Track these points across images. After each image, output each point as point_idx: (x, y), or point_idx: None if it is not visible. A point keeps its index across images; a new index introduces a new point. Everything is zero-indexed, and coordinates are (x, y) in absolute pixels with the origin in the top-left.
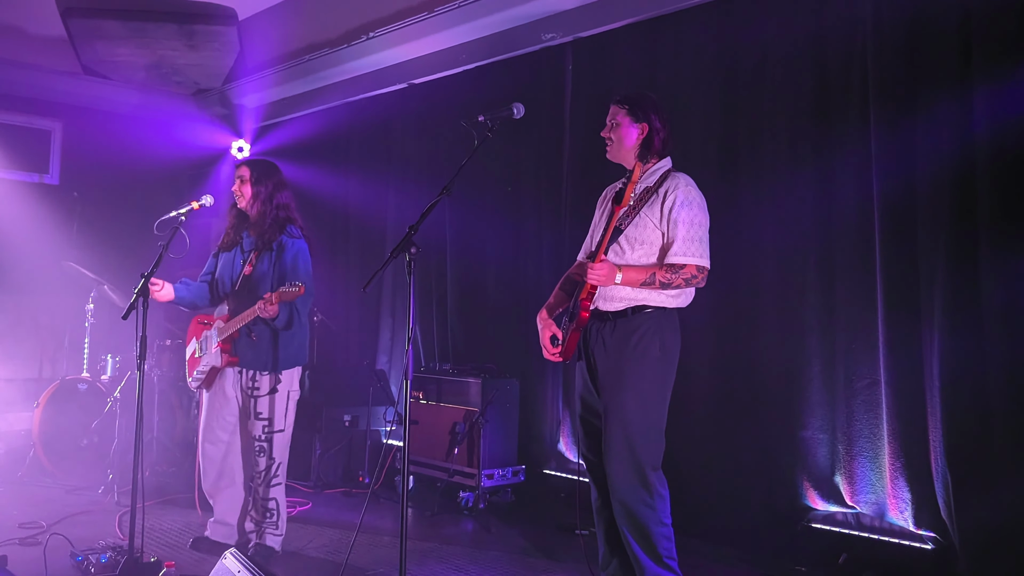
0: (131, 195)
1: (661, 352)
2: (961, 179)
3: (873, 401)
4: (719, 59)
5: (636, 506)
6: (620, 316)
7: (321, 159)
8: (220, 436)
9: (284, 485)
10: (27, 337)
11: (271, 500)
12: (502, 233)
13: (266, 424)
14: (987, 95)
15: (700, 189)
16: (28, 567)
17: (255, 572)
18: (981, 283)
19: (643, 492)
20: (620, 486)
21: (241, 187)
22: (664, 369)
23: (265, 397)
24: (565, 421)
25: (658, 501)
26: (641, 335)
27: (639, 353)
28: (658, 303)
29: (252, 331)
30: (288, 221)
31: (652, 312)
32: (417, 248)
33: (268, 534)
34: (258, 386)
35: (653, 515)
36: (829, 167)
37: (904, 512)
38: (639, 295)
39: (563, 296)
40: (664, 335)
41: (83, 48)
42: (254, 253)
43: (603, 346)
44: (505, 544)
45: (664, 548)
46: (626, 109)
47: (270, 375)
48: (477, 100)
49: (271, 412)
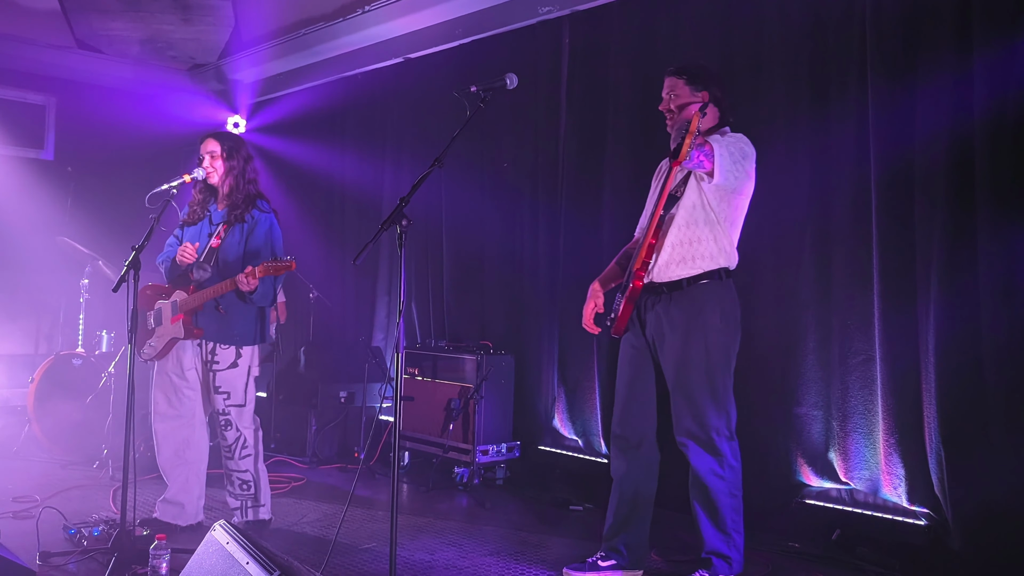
0: (126, 170)
1: (722, 321)
2: (959, 153)
3: (868, 377)
4: (716, 32)
5: (707, 476)
6: (676, 288)
7: (316, 134)
8: (170, 411)
9: (258, 457)
10: (22, 313)
11: (244, 472)
12: (498, 209)
13: (226, 397)
14: (986, 68)
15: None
16: (21, 540)
17: (245, 544)
18: (978, 259)
19: (713, 462)
20: (691, 457)
21: (212, 162)
22: (726, 338)
23: (225, 371)
24: (560, 398)
25: (728, 471)
26: (701, 306)
27: (699, 324)
28: (712, 268)
29: (220, 304)
30: (258, 196)
31: (708, 283)
32: (408, 220)
33: (251, 508)
34: (218, 359)
35: (723, 485)
36: (826, 142)
37: (898, 488)
38: (692, 259)
39: (618, 271)
40: (724, 304)
41: (77, 22)
42: (223, 226)
43: (660, 320)
44: (500, 519)
45: (732, 520)
46: (685, 79)
47: (230, 349)
48: (473, 74)
49: (230, 386)
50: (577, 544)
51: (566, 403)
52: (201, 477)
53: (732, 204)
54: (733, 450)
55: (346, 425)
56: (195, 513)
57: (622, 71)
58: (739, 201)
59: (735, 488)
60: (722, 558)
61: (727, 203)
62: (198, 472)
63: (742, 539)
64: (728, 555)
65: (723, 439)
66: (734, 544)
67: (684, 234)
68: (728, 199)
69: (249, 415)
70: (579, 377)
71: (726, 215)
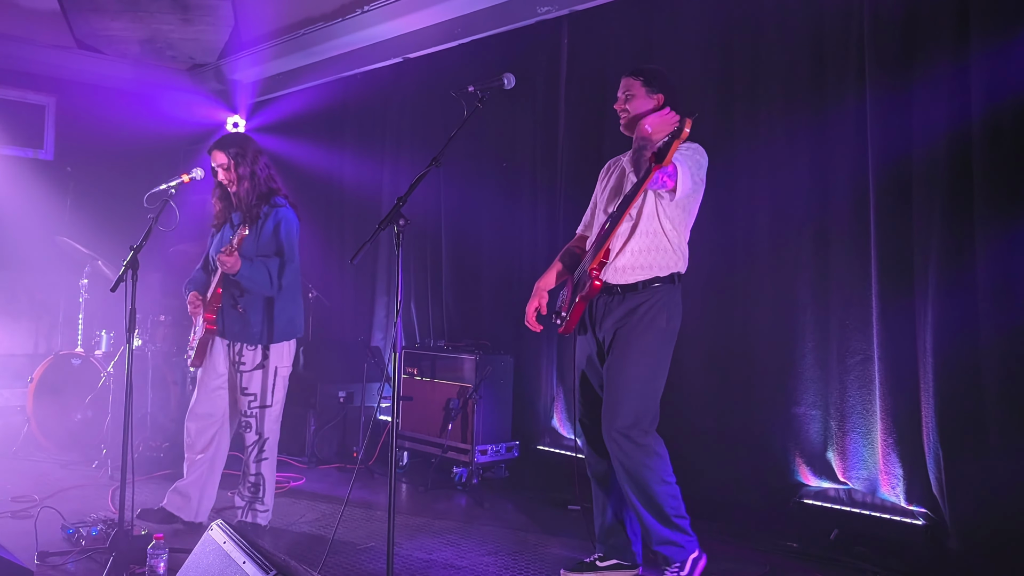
0: (125, 170)
1: (667, 324)
2: (957, 154)
3: (866, 377)
4: (715, 32)
5: (637, 469)
6: (630, 289)
7: (316, 134)
8: (202, 411)
9: (273, 462)
10: (22, 313)
11: (258, 476)
12: (497, 209)
13: (252, 399)
14: (984, 69)
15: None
16: (19, 540)
17: (242, 544)
18: (976, 258)
19: (640, 454)
20: (619, 450)
21: (226, 174)
22: (667, 339)
23: (251, 372)
24: (559, 397)
25: (655, 460)
26: (650, 307)
27: (646, 323)
28: (665, 273)
29: (238, 303)
30: (272, 192)
31: (660, 287)
32: (406, 220)
33: (252, 510)
34: (243, 360)
35: (654, 475)
36: (825, 142)
37: (896, 488)
38: (650, 267)
39: (562, 270)
40: (670, 308)
41: (77, 22)
42: (242, 227)
43: (611, 319)
44: (498, 519)
45: (671, 507)
46: (641, 80)
47: (256, 349)
48: (472, 74)
49: (257, 387)
50: (576, 544)
51: (565, 403)
52: (215, 477)
53: (687, 210)
54: (656, 440)
55: (345, 425)
56: (200, 512)
57: (621, 71)
58: (693, 207)
59: (666, 474)
60: (671, 545)
61: (682, 209)
62: (213, 471)
63: (686, 522)
64: (675, 540)
65: (649, 435)
66: (679, 529)
67: (642, 241)
68: (684, 206)
69: (273, 417)
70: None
71: (681, 220)
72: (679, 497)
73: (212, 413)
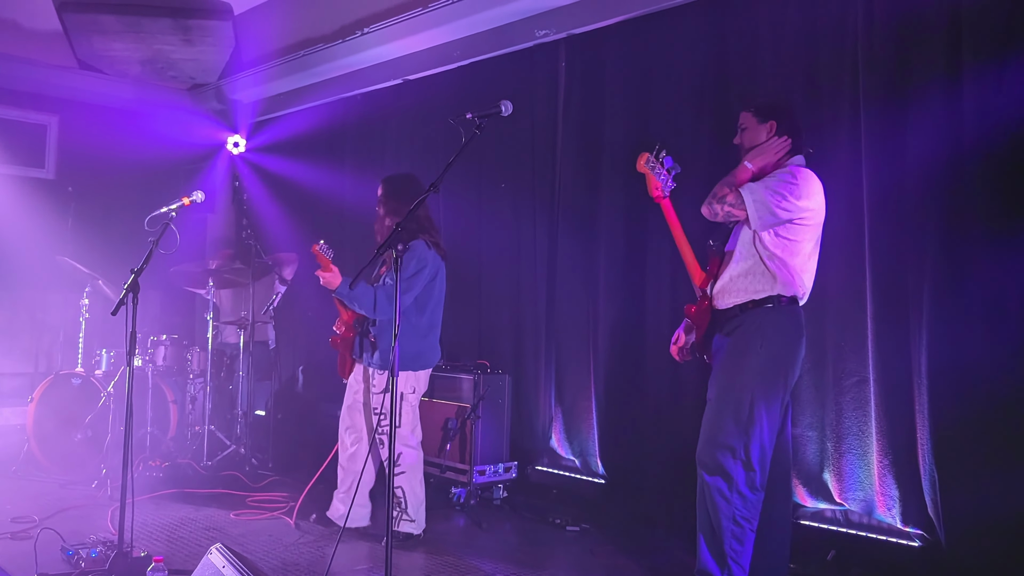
0: (126, 190)
1: (762, 348)
2: (951, 174)
3: (862, 399)
4: (710, 55)
5: (712, 493)
6: (731, 315)
7: (316, 154)
8: (347, 423)
9: (412, 475)
10: (22, 332)
11: (397, 488)
12: (495, 230)
13: (381, 418)
14: (977, 87)
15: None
16: (18, 561)
17: (240, 568)
18: (970, 281)
19: (722, 483)
20: (702, 474)
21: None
22: (765, 363)
23: (379, 395)
24: (557, 418)
25: (736, 497)
26: (744, 331)
27: (739, 348)
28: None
29: (370, 331)
30: (411, 236)
31: (756, 310)
32: (404, 246)
33: (397, 519)
34: (374, 383)
35: (727, 508)
36: (819, 164)
37: (892, 509)
38: (747, 292)
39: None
40: (768, 329)
41: (78, 42)
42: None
43: (716, 344)
44: (497, 539)
45: (730, 547)
46: (752, 111)
47: (384, 374)
48: (471, 96)
49: (384, 408)
50: (574, 565)
51: (563, 423)
52: (364, 486)
53: (785, 237)
54: (749, 480)
55: None
56: (358, 518)
57: (618, 93)
58: (792, 233)
59: (741, 516)
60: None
61: (776, 235)
62: (356, 481)
63: (741, 572)
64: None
65: (737, 463)
66: (728, 572)
67: (739, 267)
68: (779, 232)
69: (406, 435)
70: (576, 397)
71: (781, 246)
72: (746, 543)
73: (354, 426)
